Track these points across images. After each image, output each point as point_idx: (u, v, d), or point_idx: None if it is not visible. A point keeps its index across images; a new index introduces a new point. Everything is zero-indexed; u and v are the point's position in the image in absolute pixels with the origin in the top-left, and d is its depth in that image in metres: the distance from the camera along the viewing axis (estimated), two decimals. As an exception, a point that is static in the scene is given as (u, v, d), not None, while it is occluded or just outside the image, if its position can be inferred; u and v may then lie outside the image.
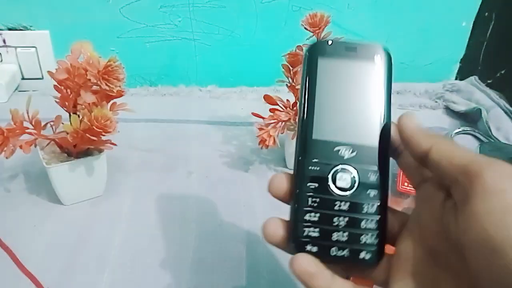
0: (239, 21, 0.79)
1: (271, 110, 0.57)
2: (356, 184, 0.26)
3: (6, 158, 0.45)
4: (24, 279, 0.43)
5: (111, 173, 0.55)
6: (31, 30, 0.75)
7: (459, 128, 0.74)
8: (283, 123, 0.56)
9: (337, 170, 0.26)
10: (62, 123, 0.48)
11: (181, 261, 0.47)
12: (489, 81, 0.85)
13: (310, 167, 0.26)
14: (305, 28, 0.55)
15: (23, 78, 0.78)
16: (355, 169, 0.26)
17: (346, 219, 0.25)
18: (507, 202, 0.20)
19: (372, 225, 0.25)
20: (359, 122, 0.27)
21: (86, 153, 0.51)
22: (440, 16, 0.84)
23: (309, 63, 0.27)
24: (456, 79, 0.92)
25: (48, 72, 0.47)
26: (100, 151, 0.51)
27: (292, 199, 0.26)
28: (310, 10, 0.54)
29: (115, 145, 0.50)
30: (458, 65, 0.91)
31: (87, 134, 0.45)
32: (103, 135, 0.46)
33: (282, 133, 0.57)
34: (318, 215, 0.25)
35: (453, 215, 0.23)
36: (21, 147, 0.46)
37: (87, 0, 0.74)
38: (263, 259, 0.47)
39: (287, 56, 0.56)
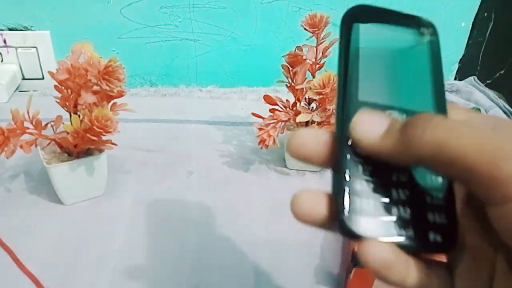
0: (239, 21, 0.80)
1: (271, 110, 0.57)
2: None
3: (7, 158, 0.45)
4: (25, 278, 0.43)
5: (112, 173, 0.56)
6: (31, 30, 0.75)
7: (458, 128, 0.75)
8: (283, 123, 0.57)
9: None
10: (63, 123, 0.48)
11: (181, 261, 0.47)
12: (488, 81, 0.86)
13: None
14: (305, 29, 0.55)
15: (23, 78, 0.78)
16: None
17: (407, 192, 0.21)
18: None
19: (439, 201, 0.21)
20: (410, 88, 0.23)
21: (87, 153, 0.51)
22: (439, 17, 0.84)
23: (348, 26, 0.23)
24: (455, 79, 0.92)
25: (49, 72, 0.47)
26: (101, 151, 0.51)
27: (336, 167, 0.21)
28: (310, 11, 0.54)
29: (116, 145, 0.50)
30: (457, 65, 0.92)
31: (87, 134, 0.45)
32: (104, 135, 0.47)
33: (282, 133, 0.57)
34: (372, 185, 0.20)
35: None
36: (21, 147, 0.46)
37: (87, 0, 0.74)
38: (264, 259, 0.47)
39: (287, 56, 0.56)
